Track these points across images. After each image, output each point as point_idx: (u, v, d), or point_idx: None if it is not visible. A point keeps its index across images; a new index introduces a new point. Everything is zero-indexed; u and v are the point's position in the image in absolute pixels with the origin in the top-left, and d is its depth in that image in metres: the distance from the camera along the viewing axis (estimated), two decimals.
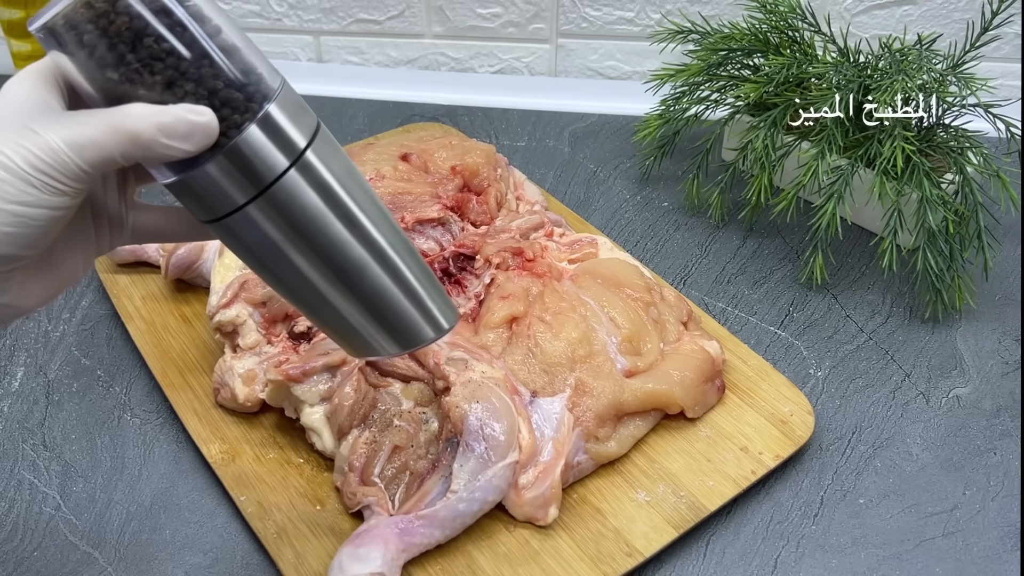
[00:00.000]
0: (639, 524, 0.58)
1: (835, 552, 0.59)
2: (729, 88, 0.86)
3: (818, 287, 0.79)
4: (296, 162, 0.41)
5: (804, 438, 0.63)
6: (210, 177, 0.39)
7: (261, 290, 0.67)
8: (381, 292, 0.46)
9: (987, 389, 0.70)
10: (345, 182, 0.43)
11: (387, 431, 0.60)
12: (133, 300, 0.76)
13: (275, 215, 0.41)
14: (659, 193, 0.91)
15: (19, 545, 0.60)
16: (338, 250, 0.44)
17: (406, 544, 0.55)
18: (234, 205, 0.40)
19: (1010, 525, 0.60)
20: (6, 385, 0.71)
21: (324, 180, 0.42)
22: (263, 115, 0.39)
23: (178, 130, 0.36)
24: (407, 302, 0.47)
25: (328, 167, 0.42)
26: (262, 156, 0.40)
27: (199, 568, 0.58)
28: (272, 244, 0.42)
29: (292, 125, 0.40)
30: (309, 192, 0.41)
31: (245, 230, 0.42)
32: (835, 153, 0.76)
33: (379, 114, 1.05)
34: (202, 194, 0.40)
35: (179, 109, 0.37)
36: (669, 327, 0.68)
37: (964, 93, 0.75)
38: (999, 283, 0.80)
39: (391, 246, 0.45)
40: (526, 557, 0.57)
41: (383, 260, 0.45)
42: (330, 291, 0.45)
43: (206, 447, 0.64)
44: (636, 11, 1.07)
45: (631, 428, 0.63)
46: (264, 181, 0.40)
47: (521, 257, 0.70)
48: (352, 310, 0.46)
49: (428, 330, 0.48)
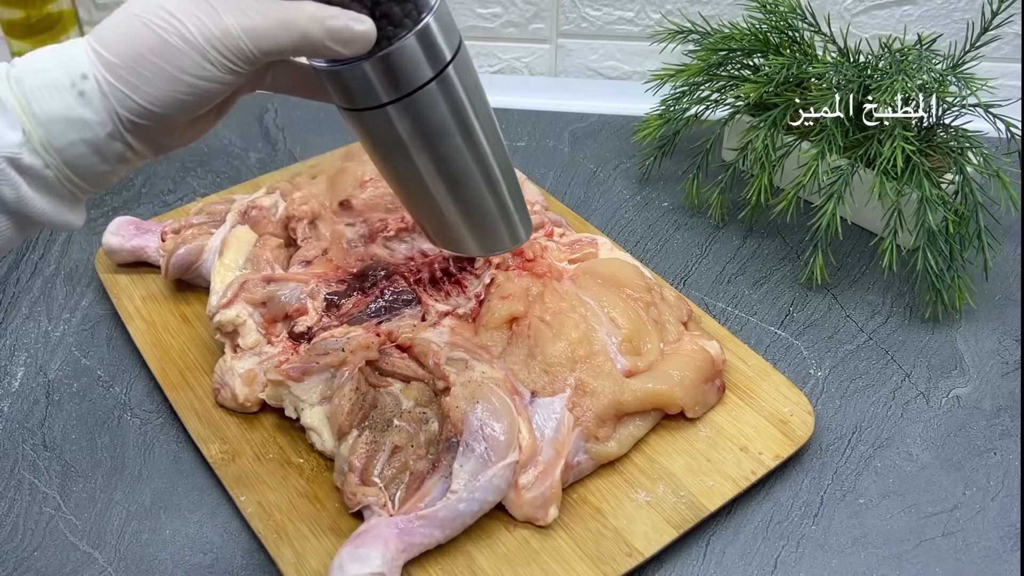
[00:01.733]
0: (639, 524, 0.58)
1: (835, 552, 0.59)
2: (729, 88, 0.86)
3: (818, 287, 0.79)
4: (438, 76, 0.45)
5: (804, 438, 0.63)
6: (360, 75, 0.44)
7: (261, 290, 0.67)
8: (480, 201, 0.53)
9: (987, 389, 0.70)
10: (473, 98, 0.48)
11: (387, 431, 0.60)
12: (133, 300, 0.76)
13: (408, 118, 0.46)
14: (659, 193, 0.91)
15: (19, 545, 0.60)
16: (453, 158, 0.49)
17: (406, 544, 0.55)
18: (374, 102, 0.45)
19: (1010, 525, 0.60)
20: (6, 385, 0.71)
21: (457, 94, 0.47)
22: (420, 28, 0.43)
23: (343, 35, 0.41)
24: (498, 214, 0.54)
25: (463, 82, 0.47)
26: (410, 66, 0.44)
27: (199, 568, 0.58)
28: (397, 142, 0.47)
29: (442, 40, 0.45)
30: (442, 104, 0.47)
31: (377, 125, 0.47)
32: (835, 153, 0.76)
33: None
34: (348, 87, 0.45)
35: (346, 16, 0.41)
36: (669, 327, 0.68)
37: (964, 93, 0.75)
38: (999, 283, 0.80)
39: (496, 162, 0.52)
40: (526, 557, 0.57)
41: (487, 174, 0.51)
42: (437, 190, 0.51)
43: (206, 447, 0.64)
44: (636, 11, 1.07)
45: (631, 428, 0.63)
46: (407, 88, 0.45)
47: (521, 257, 0.70)
48: (452, 211, 0.53)
49: (508, 240, 0.57)
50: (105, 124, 0.40)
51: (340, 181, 0.77)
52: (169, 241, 0.75)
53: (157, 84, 0.40)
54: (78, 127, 0.40)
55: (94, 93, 0.40)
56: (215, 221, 0.76)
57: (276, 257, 0.72)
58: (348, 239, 0.73)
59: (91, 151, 0.41)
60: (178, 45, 0.39)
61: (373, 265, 0.70)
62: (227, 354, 0.67)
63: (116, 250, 0.78)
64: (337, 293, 0.68)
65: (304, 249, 0.72)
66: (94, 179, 0.42)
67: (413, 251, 0.72)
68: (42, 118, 0.39)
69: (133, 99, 0.40)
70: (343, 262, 0.71)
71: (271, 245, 0.72)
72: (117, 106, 0.40)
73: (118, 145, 0.41)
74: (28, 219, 0.42)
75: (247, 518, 0.59)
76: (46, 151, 0.40)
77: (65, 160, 0.41)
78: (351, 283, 0.69)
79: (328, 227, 0.74)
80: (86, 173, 0.42)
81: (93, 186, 0.43)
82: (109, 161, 0.42)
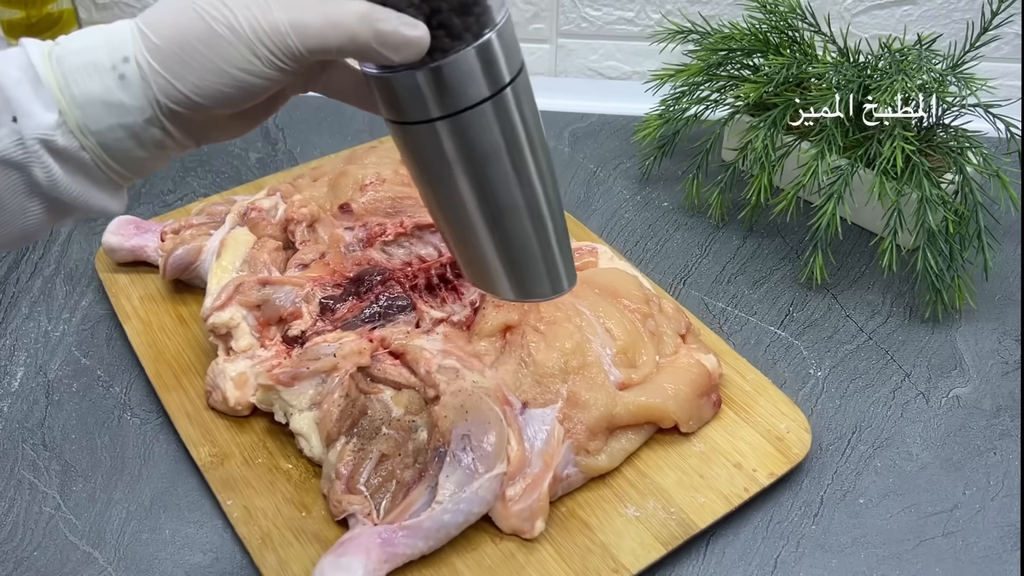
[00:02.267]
0: (627, 540, 0.58)
1: (835, 552, 0.59)
2: (729, 88, 0.86)
3: (818, 287, 0.79)
4: (494, 96, 0.42)
5: (800, 456, 0.62)
6: (410, 85, 0.41)
7: (256, 293, 0.67)
8: (522, 239, 0.48)
9: (987, 389, 0.70)
10: (529, 125, 0.44)
11: (375, 439, 0.60)
12: (131, 300, 0.76)
13: (456, 137, 0.43)
14: (659, 193, 0.91)
15: (19, 545, 0.60)
16: (499, 187, 0.45)
17: (388, 555, 0.54)
18: (422, 116, 0.42)
19: (1010, 525, 0.60)
20: (6, 385, 0.71)
21: (512, 119, 0.43)
22: (481, 43, 0.40)
23: (392, 40, 0.39)
24: (540, 257, 0.49)
25: (520, 108, 0.43)
26: (465, 82, 0.41)
27: (199, 568, 0.58)
28: (442, 161, 0.44)
29: (503, 59, 0.41)
30: (495, 126, 0.43)
31: (422, 141, 0.43)
32: (835, 153, 0.76)
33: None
34: (397, 97, 0.42)
35: (397, 20, 0.39)
36: (666, 339, 0.67)
37: (964, 93, 0.75)
38: (999, 283, 0.80)
39: (546, 199, 0.47)
40: (511, 570, 0.56)
41: (534, 209, 0.47)
42: (477, 220, 0.47)
43: (195, 449, 0.64)
44: (636, 11, 1.07)
45: (623, 441, 0.62)
46: (459, 105, 0.41)
47: None
48: (489, 245, 0.48)
49: (548, 287, 0.50)
50: (144, 110, 0.39)
51: (341, 184, 0.77)
52: (168, 241, 0.75)
53: (201, 74, 0.39)
54: (116, 111, 0.39)
55: (134, 77, 0.39)
56: (215, 222, 0.76)
57: (273, 259, 0.72)
58: (346, 243, 0.72)
59: (128, 136, 0.40)
60: (226, 36, 0.38)
61: (369, 270, 0.70)
62: (220, 356, 0.67)
63: (116, 249, 0.78)
64: (332, 297, 0.68)
65: (301, 252, 0.72)
66: (132, 164, 0.41)
67: (411, 256, 0.72)
68: (80, 99, 0.39)
69: (175, 86, 0.39)
70: (340, 266, 0.70)
71: (269, 247, 0.72)
72: (158, 92, 0.39)
73: (156, 132, 0.40)
74: (61, 203, 0.41)
75: (232, 523, 0.59)
76: (82, 133, 0.39)
77: (101, 143, 0.40)
78: (347, 287, 0.69)
79: (327, 230, 0.74)
80: (123, 158, 0.41)
81: (131, 172, 0.42)
82: (147, 147, 0.41)
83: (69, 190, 0.40)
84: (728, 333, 0.75)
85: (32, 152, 0.39)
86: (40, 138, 0.38)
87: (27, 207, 0.40)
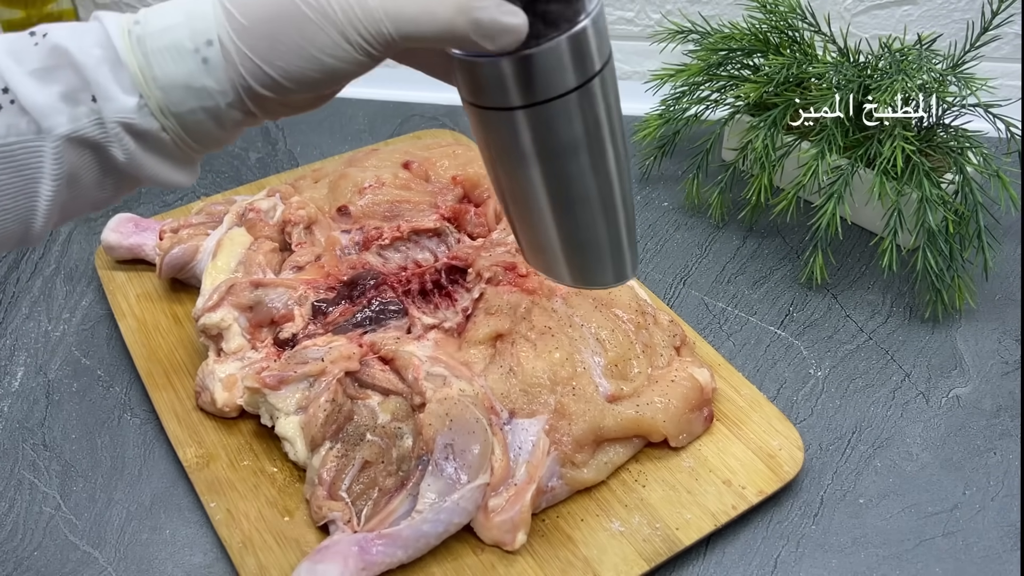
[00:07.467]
0: (610, 555, 0.57)
1: (835, 552, 0.59)
2: (729, 88, 0.86)
3: (818, 287, 0.79)
4: (581, 86, 0.40)
5: (791, 474, 0.61)
6: (497, 71, 0.39)
7: (248, 294, 0.67)
8: (591, 229, 0.46)
9: (987, 389, 0.70)
10: (612, 117, 0.43)
11: (359, 445, 0.59)
12: (128, 298, 0.76)
13: (538, 127, 0.41)
14: (659, 193, 0.91)
15: (19, 545, 0.60)
16: (575, 179, 0.44)
17: (366, 563, 0.54)
18: (505, 103, 0.40)
19: (1010, 525, 0.60)
20: (6, 385, 0.71)
21: (597, 110, 0.42)
22: (575, 32, 0.39)
23: (489, 30, 0.37)
24: (607, 247, 0.48)
25: (605, 99, 0.42)
26: (555, 71, 0.39)
27: (199, 568, 0.58)
28: (519, 149, 0.42)
29: (595, 48, 0.40)
30: (578, 118, 0.41)
31: (501, 128, 0.42)
32: (835, 153, 0.76)
33: (379, 114, 1.05)
34: (481, 82, 0.40)
35: (496, 8, 0.37)
36: (660, 351, 0.66)
37: (964, 93, 0.75)
38: (999, 283, 0.80)
39: (620, 191, 0.46)
40: None
41: (607, 201, 0.45)
42: (547, 209, 0.45)
43: (182, 450, 0.63)
44: (636, 11, 1.07)
45: (610, 454, 0.61)
46: (545, 94, 0.40)
47: (514, 272, 0.69)
48: (556, 233, 0.46)
49: (611, 276, 0.49)
50: (226, 94, 0.39)
51: (340, 186, 0.77)
52: (166, 240, 0.75)
53: (289, 59, 0.38)
54: (199, 95, 0.39)
55: (217, 61, 0.38)
56: (214, 222, 0.76)
57: (269, 261, 0.71)
58: (342, 245, 0.72)
59: (209, 118, 0.40)
60: (318, 20, 0.37)
61: (363, 274, 0.69)
62: (210, 357, 0.66)
63: (114, 247, 0.78)
64: (325, 301, 0.67)
65: (297, 254, 0.72)
66: (209, 142, 0.41)
67: (407, 261, 0.72)
68: (163, 82, 0.38)
69: (263, 69, 0.38)
70: (335, 269, 0.70)
71: (265, 249, 0.72)
72: (244, 74, 0.38)
73: (237, 113, 0.40)
74: (134, 179, 0.41)
75: (214, 525, 0.59)
76: (164, 115, 0.39)
77: (182, 124, 0.39)
78: (340, 291, 0.68)
79: (324, 232, 0.73)
80: (202, 136, 0.40)
81: (207, 148, 0.42)
82: (226, 127, 0.41)
83: (145, 167, 0.40)
84: (728, 333, 0.75)
85: (112, 133, 0.38)
86: (121, 121, 0.38)
87: (103, 182, 0.40)
